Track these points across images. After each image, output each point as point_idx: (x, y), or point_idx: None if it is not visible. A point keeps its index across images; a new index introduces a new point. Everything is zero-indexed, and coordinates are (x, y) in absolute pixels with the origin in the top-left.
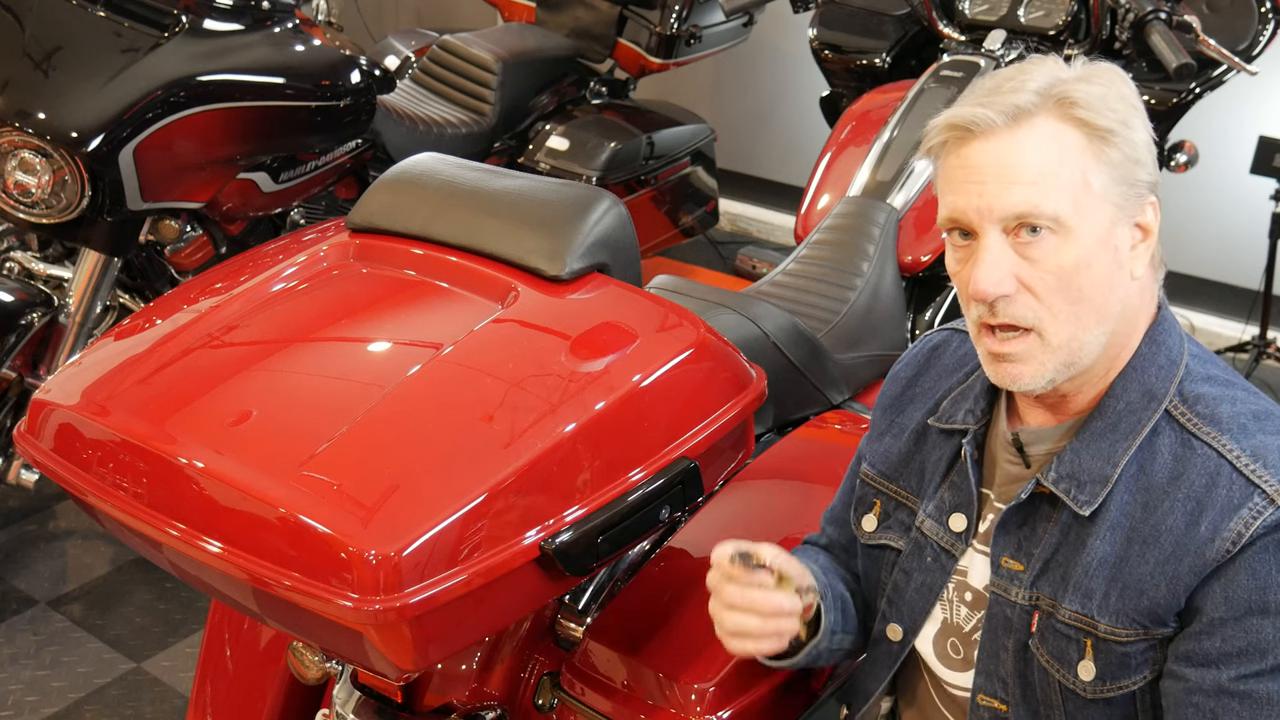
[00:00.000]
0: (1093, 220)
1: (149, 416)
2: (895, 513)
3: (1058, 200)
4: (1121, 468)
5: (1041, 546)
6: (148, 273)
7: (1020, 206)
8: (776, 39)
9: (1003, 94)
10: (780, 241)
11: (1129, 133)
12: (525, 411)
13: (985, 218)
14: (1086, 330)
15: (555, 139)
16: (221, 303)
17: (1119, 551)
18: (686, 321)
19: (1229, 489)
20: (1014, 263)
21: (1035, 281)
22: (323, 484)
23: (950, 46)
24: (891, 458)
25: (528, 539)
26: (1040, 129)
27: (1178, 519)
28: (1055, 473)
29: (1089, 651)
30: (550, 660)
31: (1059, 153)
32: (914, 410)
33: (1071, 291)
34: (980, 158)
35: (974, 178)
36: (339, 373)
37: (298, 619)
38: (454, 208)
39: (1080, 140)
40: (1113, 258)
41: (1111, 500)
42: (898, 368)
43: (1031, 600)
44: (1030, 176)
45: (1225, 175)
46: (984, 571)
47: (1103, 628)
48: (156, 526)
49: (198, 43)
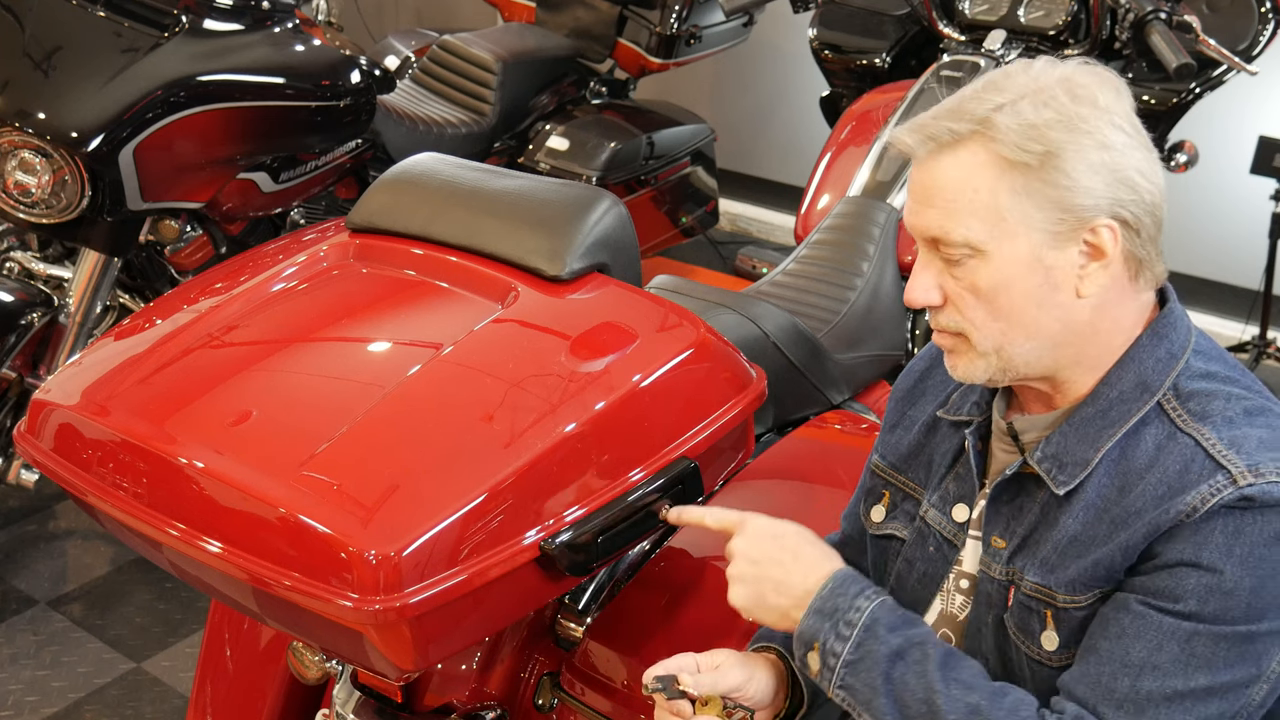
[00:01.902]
0: (1013, 245)
1: (149, 416)
2: (902, 504)
3: (968, 227)
4: (1104, 453)
5: (1024, 525)
6: (148, 273)
7: (932, 229)
8: (776, 39)
9: (941, 119)
10: (780, 241)
11: (1059, 162)
12: (525, 411)
13: (916, 234)
14: (1014, 344)
15: (555, 139)
16: (221, 303)
17: (1088, 531)
18: (686, 321)
19: (1199, 472)
20: (940, 276)
21: (955, 296)
22: (323, 484)
23: (950, 46)
24: (901, 449)
25: (528, 539)
26: (963, 156)
27: (1146, 501)
28: (1041, 453)
29: (1049, 621)
30: (550, 660)
31: (973, 180)
32: (925, 403)
33: (993, 308)
34: (916, 176)
35: (913, 195)
36: (339, 373)
37: (298, 619)
38: (454, 208)
39: (996, 170)
40: (1044, 279)
41: (1089, 482)
42: (913, 362)
43: (1008, 575)
44: (941, 202)
45: (1225, 175)
46: (976, 555)
47: (1061, 597)
48: (157, 526)
49: (198, 42)
